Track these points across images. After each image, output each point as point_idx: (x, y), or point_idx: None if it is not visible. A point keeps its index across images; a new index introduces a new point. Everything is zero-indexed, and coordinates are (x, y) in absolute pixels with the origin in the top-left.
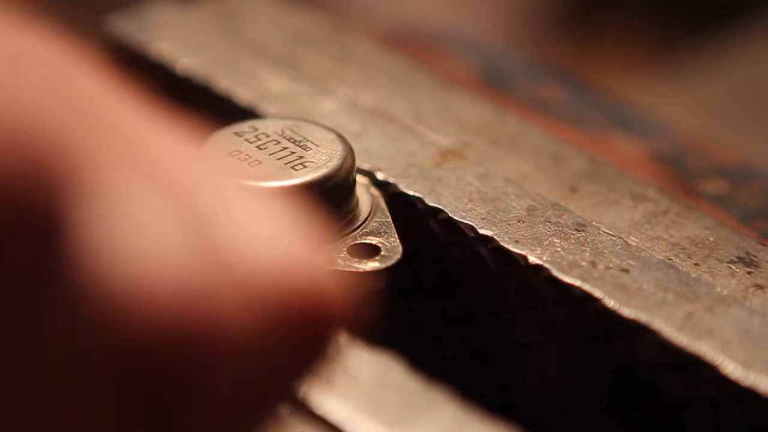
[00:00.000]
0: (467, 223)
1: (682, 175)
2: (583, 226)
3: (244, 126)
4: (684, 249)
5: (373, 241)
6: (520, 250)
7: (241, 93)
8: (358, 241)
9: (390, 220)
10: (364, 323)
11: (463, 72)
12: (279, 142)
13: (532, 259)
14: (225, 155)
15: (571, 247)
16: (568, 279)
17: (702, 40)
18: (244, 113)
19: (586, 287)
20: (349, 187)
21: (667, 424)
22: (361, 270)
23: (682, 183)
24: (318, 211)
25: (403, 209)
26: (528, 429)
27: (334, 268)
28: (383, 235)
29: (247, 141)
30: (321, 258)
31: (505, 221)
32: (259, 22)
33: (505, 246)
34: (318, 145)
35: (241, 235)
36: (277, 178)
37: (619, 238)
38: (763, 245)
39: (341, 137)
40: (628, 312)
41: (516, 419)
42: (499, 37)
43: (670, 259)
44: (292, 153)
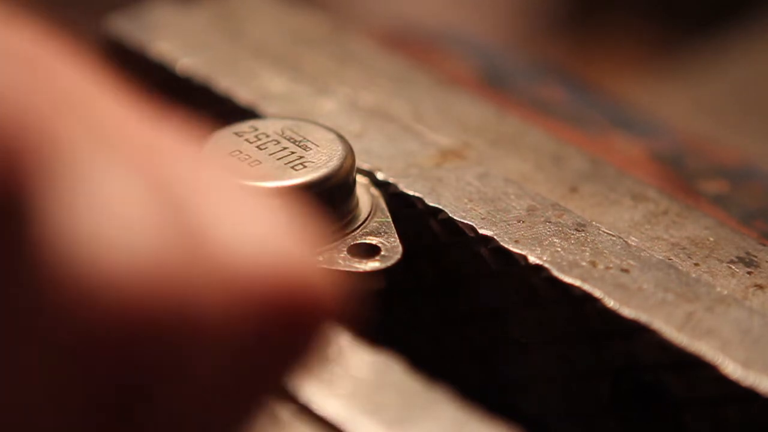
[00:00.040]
0: (467, 223)
1: (682, 175)
2: (583, 226)
3: (244, 126)
4: (684, 249)
5: (373, 241)
6: (520, 250)
7: (241, 93)
8: (358, 241)
9: (390, 220)
10: (357, 320)
11: (463, 72)
12: (279, 142)
13: (532, 259)
14: (225, 155)
15: (571, 247)
16: (568, 279)
17: (702, 40)
18: (244, 113)
19: (586, 287)
20: (349, 187)
21: (667, 424)
22: (361, 270)
23: (682, 183)
24: (316, 211)
25: (403, 209)
26: (528, 429)
27: (334, 267)
28: (383, 235)
29: (247, 141)
30: (311, 254)
31: (505, 221)
32: (259, 22)
33: (505, 246)
34: (318, 145)
35: (225, 225)
36: (277, 178)
37: (619, 238)
38: (763, 245)
39: (341, 137)
40: (628, 312)
41: (516, 419)
42: (499, 37)
43: (670, 259)
44: (292, 153)
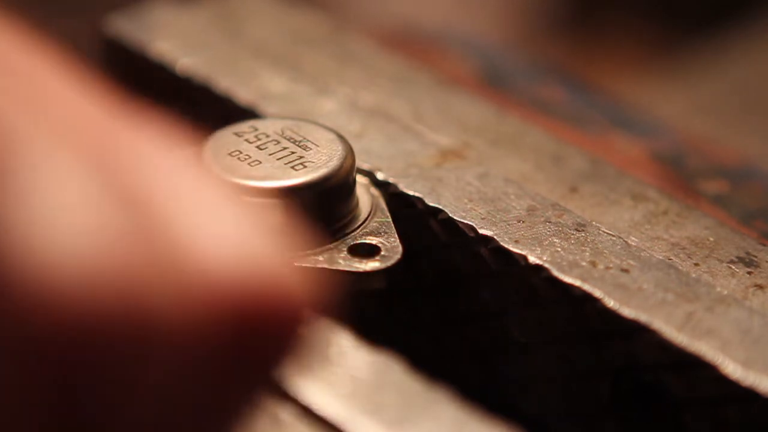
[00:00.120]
0: (467, 223)
1: (682, 175)
2: (583, 226)
3: (244, 126)
4: (684, 249)
5: (373, 241)
6: (520, 250)
7: (241, 93)
8: (358, 241)
9: (390, 220)
10: (356, 319)
11: (463, 72)
12: (279, 142)
13: (532, 259)
14: (225, 155)
15: (571, 247)
16: (568, 279)
17: (702, 40)
18: (244, 113)
19: (586, 287)
20: (349, 187)
21: (667, 424)
22: (361, 270)
23: (682, 183)
24: (316, 211)
25: (403, 209)
26: (528, 429)
27: (334, 267)
28: (383, 235)
29: (247, 141)
30: (286, 255)
31: (505, 221)
32: (259, 22)
33: (505, 246)
34: (318, 145)
35: (191, 227)
36: (277, 178)
37: (619, 238)
38: (763, 245)
39: (341, 137)
40: (628, 312)
41: (516, 419)
42: (499, 37)
43: (670, 259)
44: (292, 153)
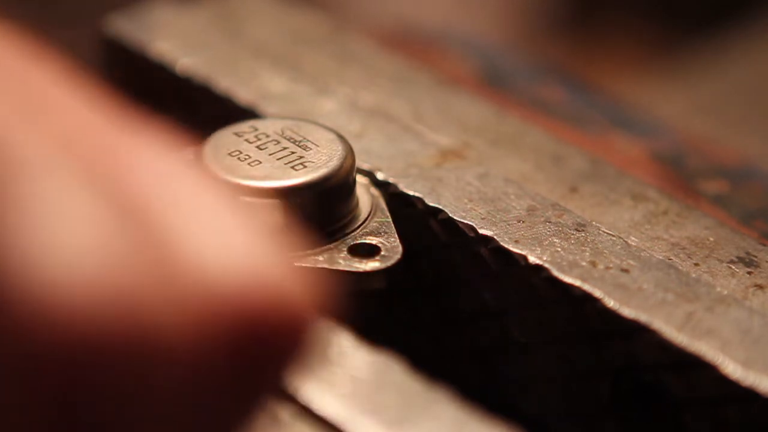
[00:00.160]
0: (467, 223)
1: (682, 175)
2: (583, 226)
3: (244, 126)
4: (684, 249)
5: (373, 241)
6: (520, 250)
7: (241, 93)
8: (358, 241)
9: (390, 220)
10: (356, 320)
11: (463, 72)
12: (279, 142)
13: (532, 259)
14: (225, 155)
15: (571, 247)
16: (568, 279)
17: (702, 40)
18: (244, 113)
19: (586, 287)
20: (349, 187)
21: (667, 424)
22: (361, 270)
23: (682, 183)
24: (316, 211)
25: (403, 209)
26: (528, 429)
27: (334, 267)
28: (383, 235)
29: (247, 141)
30: (287, 262)
31: (505, 221)
32: (259, 22)
33: (505, 246)
34: (318, 145)
35: (193, 238)
36: (277, 178)
37: (619, 238)
38: (763, 245)
39: (341, 137)
40: (628, 312)
41: (516, 419)
42: (499, 37)
43: (670, 259)
44: (292, 153)
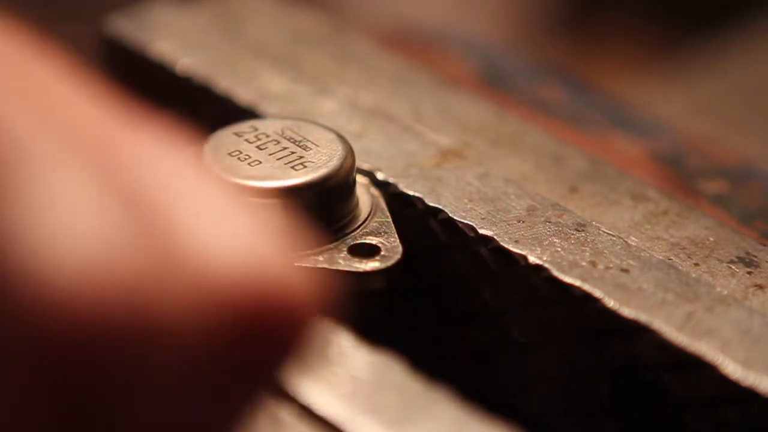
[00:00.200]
0: (467, 223)
1: (682, 175)
2: (583, 226)
3: (244, 126)
4: (684, 249)
5: (373, 241)
6: (520, 250)
7: (241, 93)
8: (358, 241)
9: (390, 220)
10: (355, 319)
11: (463, 72)
12: (279, 142)
13: (532, 259)
14: (225, 155)
15: (571, 247)
16: (568, 279)
17: (702, 40)
18: (244, 113)
19: (586, 287)
20: (349, 187)
21: (667, 424)
22: (361, 270)
23: (682, 183)
24: (316, 211)
25: (403, 209)
26: (528, 429)
27: (334, 267)
28: (383, 235)
29: (247, 141)
30: (290, 256)
31: (505, 221)
32: (259, 22)
33: (505, 246)
34: (318, 145)
35: (197, 229)
36: (277, 178)
37: (619, 238)
38: (763, 245)
39: (341, 137)
40: (628, 312)
41: (516, 419)
42: (499, 37)
43: (670, 259)
44: (292, 153)
